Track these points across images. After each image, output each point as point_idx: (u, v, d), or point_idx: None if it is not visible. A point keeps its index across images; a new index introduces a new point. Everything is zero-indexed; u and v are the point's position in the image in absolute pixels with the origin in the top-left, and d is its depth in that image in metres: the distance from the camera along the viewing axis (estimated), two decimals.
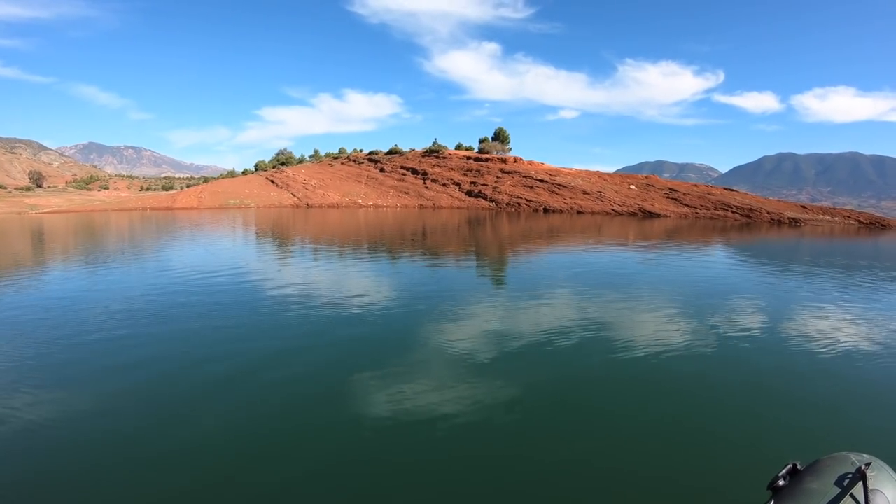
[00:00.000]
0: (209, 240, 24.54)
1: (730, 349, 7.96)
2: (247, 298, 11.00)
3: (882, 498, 1.26)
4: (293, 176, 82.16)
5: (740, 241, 28.44)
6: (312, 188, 76.07)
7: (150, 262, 16.95)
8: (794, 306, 11.11)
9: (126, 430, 5.16)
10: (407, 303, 10.65)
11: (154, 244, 23.15)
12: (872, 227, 46.67)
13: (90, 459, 4.66)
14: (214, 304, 10.45)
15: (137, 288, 12.23)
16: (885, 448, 4.70)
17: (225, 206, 66.17)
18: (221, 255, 18.21)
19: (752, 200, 55.56)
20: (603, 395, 6.24)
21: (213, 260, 16.83)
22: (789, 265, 18.59)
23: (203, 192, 74.18)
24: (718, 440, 5.11)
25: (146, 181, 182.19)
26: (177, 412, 5.57)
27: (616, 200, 55.41)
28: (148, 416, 5.43)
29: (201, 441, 4.93)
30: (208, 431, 5.11)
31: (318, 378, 6.60)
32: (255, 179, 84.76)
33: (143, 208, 64.75)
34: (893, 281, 15.23)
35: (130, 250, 20.63)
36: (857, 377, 6.90)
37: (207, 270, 14.44)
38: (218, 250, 19.95)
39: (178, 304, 10.53)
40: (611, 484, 4.32)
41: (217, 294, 11.33)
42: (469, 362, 7.03)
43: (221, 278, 13.25)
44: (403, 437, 4.97)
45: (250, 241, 24.46)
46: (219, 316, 9.50)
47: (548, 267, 16.70)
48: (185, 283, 12.64)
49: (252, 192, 74.75)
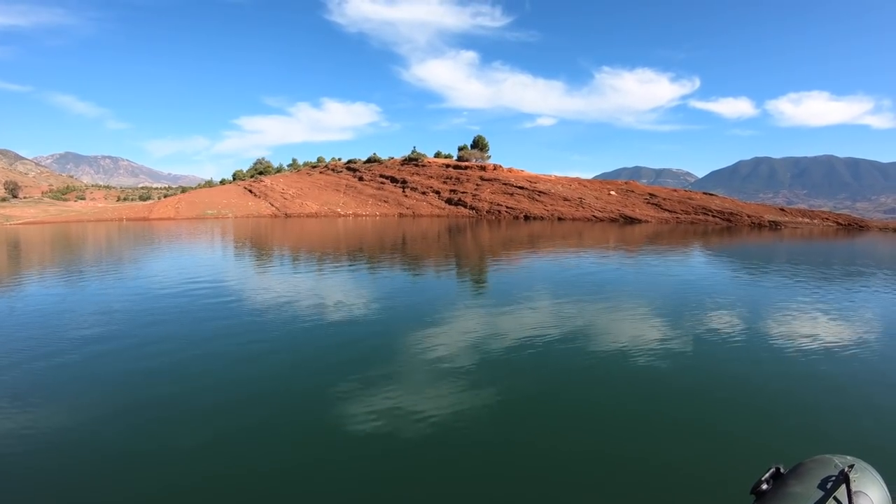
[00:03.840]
0: (186, 252, 23.99)
1: (710, 351, 7.93)
2: (225, 311, 10.72)
3: (866, 500, 1.24)
4: (271, 185, 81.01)
5: (722, 245, 28.77)
6: (291, 198, 75.00)
7: (125, 275, 16.50)
8: (776, 307, 11.14)
9: (101, 443, 5.05)
10: (388, 312, 10.51)
11: (129, 257, 22.65)
12: (851, 228, 47.50)
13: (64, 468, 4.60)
14: (192, 317, 10.22)
15: (110, 303, 11.79)
16: (868, 448, 4.71)
17: (202, 216, 65.01)
18: (198, 267, 17.80)
19: (732, 205, 55.64)
20: (584, 397, 6.18)
21: (190, 273, 16.42)
22: (772, 267, 18.79)
23: (180, 202, 72.95)
24: (700, 443, 5.02)
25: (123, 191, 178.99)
26: (155, 422, 5.45)
27: (597, 206, 55.06)
28: (124, 429, 5.31)
29: (178, 450, 4.86)
30: (187, 442, 5.01)
31: (299, 388, 6.49)
32: (233, 189, 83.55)
33: (119, 219, 63.31)
34: (870, 278, 15.86)
35: (106, 263, 20.07)
36: (838, 377, 6.85)
37: (185, 283, 14.11)
38: (195, 263, 19.50)
39: (156, 316, 10.32)
40: (590, 485, 4.28)
41: (195, 307, 11.07)
42: (451, 369, 6.94)
43: (199, 291, 12.81)
44: (386, 444, 4.89)
45: (228, 252, 24.05)
46: (197, 328, 9.28)
47: (529, 274, 16.57)
48: (162, 296, 12.36)
49: (230, 202, 73.65)
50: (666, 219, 50.53)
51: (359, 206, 69.86)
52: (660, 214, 51.95)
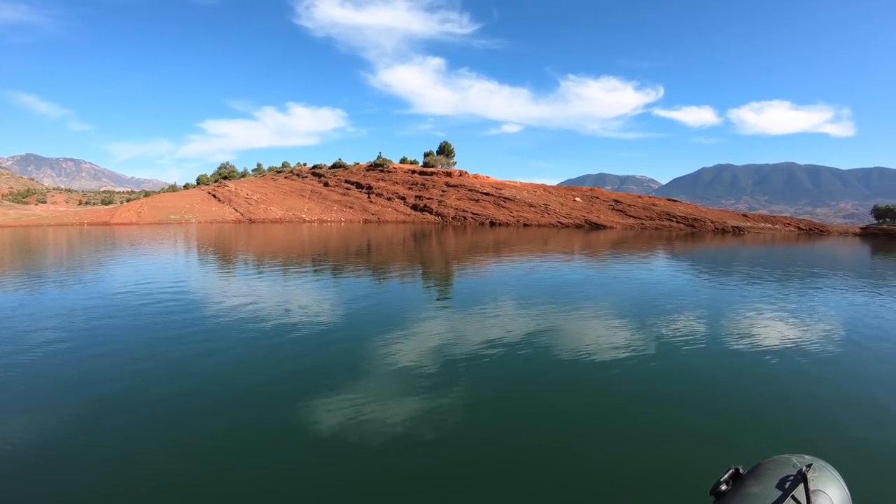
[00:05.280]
0: (147, 258, 23.00)
1: (672, 353, 7.91)
2: (186, 318, 10.35)
3: (825, 498, 1.26)
4: (235, 190, 79.08)
5: (686, 250, 29.11)
6: (255, 203, 73.26)
7: (85, 283, 15.56)
8: (738, 310, 11.27)
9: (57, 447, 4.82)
10: (352, 318, 10.33)
11: (89, 262, 21.53)
12: (812, 233, 48.64)
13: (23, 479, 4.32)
14: (151, 324, 9.80)
15: (69, 309, 11.20)
16: (828, 447, 4.79)
17: (165, 221, 62.70)
18: (160, 274, 17.09)
19: (696, 211, 56.12)
20: (547, 400, 6.06)
21: (151, 279, 15.70)
22: (735, 271, 19.04)
23: (143, 206, 70.46)
24: (661, 444, 4.92)
25: (85, 195, 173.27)
26: (116, 433, 5.13)
27: (562, 213, 54.79)
28: (84, 439, 5.01)
29: (138, 454, 4.65)
30: (145, 448, 4.79)
31: (263, 393, 6.25)
32: (197, 194, 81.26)
33: (80, 223, 60.63)
34: (828, 279, 16.49)
35: (65, 270, 18.94)
36: (798, 377, 6.88)
37: (146, 290, 13.53)
38: (156, 269, 18.70)
39: (114, 322, 9.93)
40: (552, 485, 4.21)
41: (156, 315, 10.61)
42: (416, 374, 6.83)
43: (159, 299, 12.28)
44: (353, 449, 4.74)
45: (190, 258, 23.17)
46: (156, 336, 8.88)
47: (494, 279, 16.33)
48: (121, 302, 11.83)
49: (193, 206, 71.59)
50: (631, 225, 50.49)
51: (324, 212, 68.61)
52: (625, 220, 51.96)
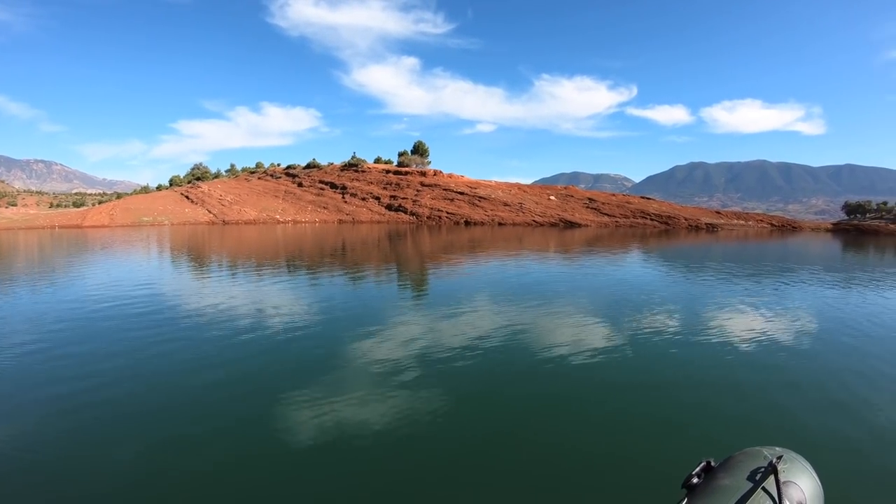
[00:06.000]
0: (120, 261, 22.64)
1: (646, 347, 8.03)
2: (161, 320, 10.28)
3: (796, 489, 1.26)
4: (209, 191, 77.33)
5: (661, 246, 29.58)
6: (229, 204, 71.69)
7: (56, 286, 15.34)
8: (710, 304, 11.46)
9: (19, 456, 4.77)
10: (328, 319, 10.28)
11: (60, 266, 20.91)
12: (784, 229, 49.20)
13: None
14: (123, 328, 9.67)
15: (41, 313, 11.01)
16: (800, 439, 4.92)
17: (138, 223, 60.73)
18: (132, 277, 16.82)
19: (670, 208, 56.46)
20: (524, 395, 6.14)
21: (123, 282, 15.46)
22: (708, 267, 19.39)
23: (115, 208, 68.25)
24: (634, 438, 5.00)
25: (56, 197, 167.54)
26: (90, 442, 5.04)
27: (537, 211, 54.62)
28: (57, 446, 4.95)
29: (113, 471, 4.53)
30: (122, 461, 4.67)
31: (237, 396, 6.22)
32: (170, 195, 79.15)
33: (51, 227, 58.33)
34: (799, 274, 17.04)
35: (36, 274, 18.49)
36: (770, 370, 6.96)
37: (117, 293, 13.30)
38: (128, 272, 18.43)
39: (86, 326, 9.83)
40: (527, 478, 4.29)
41: (126, 317, 10.51)
42: (393, 374, 6.84)
43: (131, 302, 12.09)
44: (331, 454, 4.73)
45: (163, 260, 23.00)
46: (128, 340, 8.76)
47: (469, 278, 16.48)
48: (92, 306, 11.57)
49: (166, 208, 69.64)
50: (605, 223, 50.53)
51: (298, 213, 67.52)
52: (599, 219, 52.03)
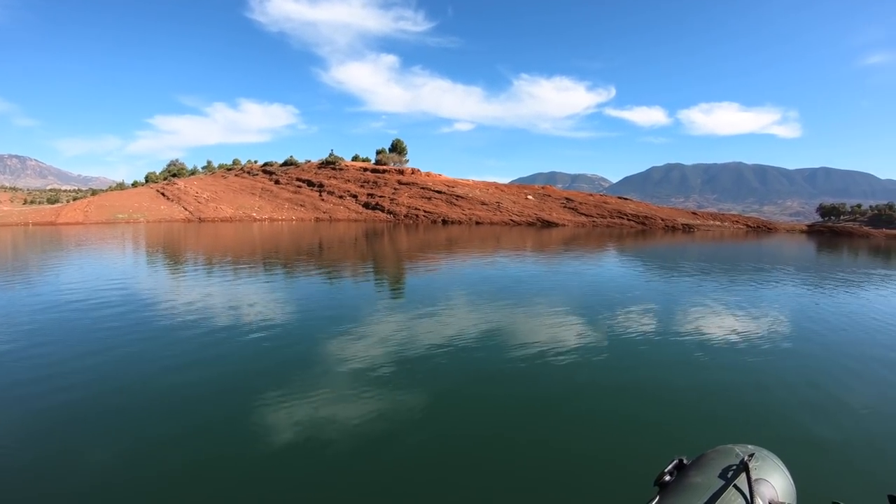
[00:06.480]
0: (94, 259, 22.13)
1: (621, 345, 8.07)
2: (134, 319, 10.07)
3: (768, 487, 1.27)
4: (185, 188, 75.86)
5: (637, 246, 29.71)
6: (205, 201, 70.40)
7: (30, 284, 14.85)
8: (686, 303, 11.55)
9: None
10: (305, 318, 10.19)
11: (34, 264, 20.29)
12: (759, 230, 49.81)
13: None
14: (99, 327, 9.41)
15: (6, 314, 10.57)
16: (773, 437, 4.87)
17: (112, 220, 59.14)
18: (106, 275, 16.39)
19: (646, 209, 56.90)
20: (501, 393, 6.15)
21: (97, 280, 14.96)
22: (684, 267, 19.64)
23: (89, 205, 66.55)
24: (608, 436, 5.04)
25: (30, 194, 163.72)
26: (61, 444, 4.89)
27: (514, 211, 54.53)
28: (25, 448, 4.82)
29: (83, 473, 4.40)
30: (97, 465, 4.52)
31: (213, 395, 6.12)
32: (145, 192, 77.33)
33: (25, 223, 56.63)
34: (773, 273, 17.27)
35: (9, 272, 17.88)
36: (744, 369, 7.00)
37: (91, 291, 12.93)
38: (103, 270, 17.94)
39: (61, 326, 9.52)
40: (502, 476, 4.30)
41: (103, 317, 10.17)
42: (371, 373, 6.81)
43: (106, 300, 11.79)
44: (305, 453, 4.69)
45: (139, 259, 22.60)
46: (103, 339, 8.54)
47: (447, 277, 16.38)
48: (65, 305, 11.29)
49: (142, 205, 68.03)
50: (582, 222, 50.60)
51: (275, 211, 66.61)
52: (576, 218, 52.15)
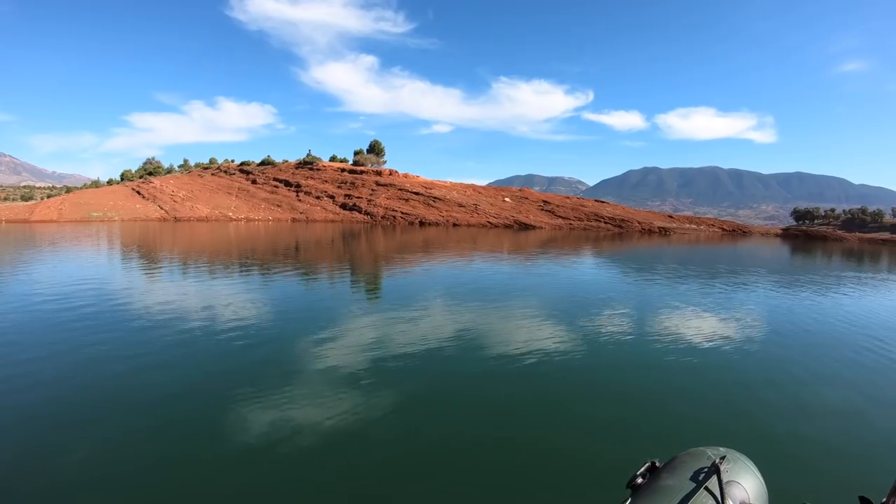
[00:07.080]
0: (67, 258, 21.56)
1: (596, 348, 8.07)
2: (109, 319, 9.86)
3: (739, 489, 1.28)
4: (161, 187, 74.65)
5: (614, 249, 29.93)
6: (181, 200, 69.35)
7: (2, 283, 14.33)
8: (661, 305, 11.61)
9: None
10: (281, 319, 10.08)
11: (6, 262, 19.65)
12: (735, 233, 50.76)
13: None
14: (71, 327, 9.21)
15: None
16: (745, 438, 4.90)
17: (87, 218, 58.25)
18: (79, 275, 16.02)
19: (623, 212, 57.43)
20: (476, 395, 6.13)
21: (70, 281, 14.60)
22: (659, 269, 19.73)
23: (64, 203, 65.20)
24: (581, 438, 5.01)
25: (4, 191, 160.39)
26: (35, 445, 4.79)
27: (491, 213, 54.58)
28: None
29: (64, 478, 4.25)
30: (72, 466, 4.43)
31: (187, 396, 6.01)
32: (121, 190, 75.85)
33: None
34: (747, 276, 17.55)
35: None
36: (718, 370, 7.04)
37: (63, 292, 12.59)
38: (76, 269, 17.51)
39: (32, 325, 9.37)
40: (474, 476, 4.27)
41: (72, 316, 9.98)
42: (347, 374, 6.75)
43: (78, 301, 11.51)
44: (284, 452, 4.60)
45: (113, 258, 22.17)
46: (75, 339, 8.36)
47: (423, 279, 16.31)
48: (37, 305, 11.04)
49: (117, 203, 66.74)
50: (559, 225, 50.79)
51: (251, 211, 65.87)
52: (553, 221, 52.37)
